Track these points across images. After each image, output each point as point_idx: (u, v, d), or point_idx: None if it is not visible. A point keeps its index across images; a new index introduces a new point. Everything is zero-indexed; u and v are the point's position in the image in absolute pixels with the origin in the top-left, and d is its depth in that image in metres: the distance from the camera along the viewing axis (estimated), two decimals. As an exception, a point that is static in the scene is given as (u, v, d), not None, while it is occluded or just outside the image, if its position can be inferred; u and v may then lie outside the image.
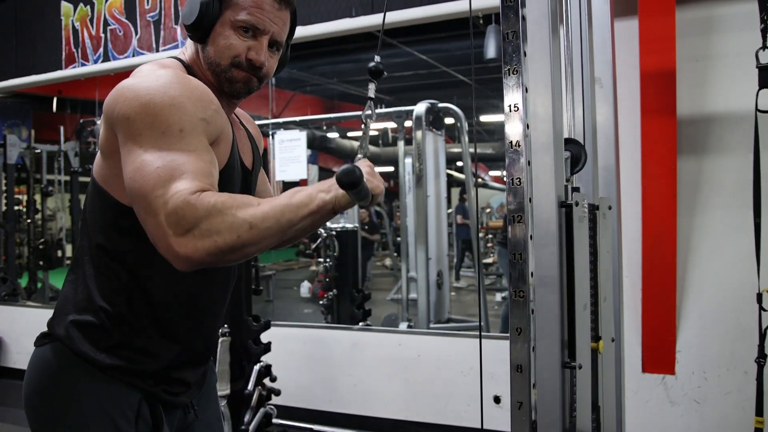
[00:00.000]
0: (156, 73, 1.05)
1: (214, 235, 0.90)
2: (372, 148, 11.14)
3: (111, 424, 1.08)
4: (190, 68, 1.15)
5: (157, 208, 0.92)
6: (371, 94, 1.24)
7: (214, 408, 1.35)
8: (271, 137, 4.15)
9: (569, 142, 1.30)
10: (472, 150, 5.09)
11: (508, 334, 1.10)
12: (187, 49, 1.19)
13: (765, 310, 1.98)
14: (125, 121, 0.99)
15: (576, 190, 1.30)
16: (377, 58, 1.26)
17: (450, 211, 8.93)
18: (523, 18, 1.10)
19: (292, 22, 1.20)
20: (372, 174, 1.05)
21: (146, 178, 0.94)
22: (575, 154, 1.30)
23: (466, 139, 5.00)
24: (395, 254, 9.51)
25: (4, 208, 5.80)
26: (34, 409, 1.13)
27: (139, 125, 0.97)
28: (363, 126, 1.21)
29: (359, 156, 1.18)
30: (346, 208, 1.02)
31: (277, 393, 2.97)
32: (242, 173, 1.19)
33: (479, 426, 1.44)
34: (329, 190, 0.98)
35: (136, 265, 1.10)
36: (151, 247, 0.98)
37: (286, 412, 3.29)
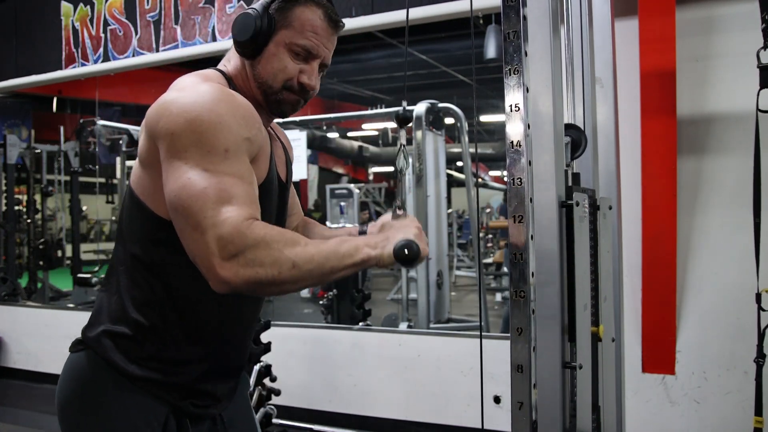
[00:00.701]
0: (199, 88, 1.03)
1: (257, 266, 0.92)
2: (372, 148, 11.17)
3: None
4: (231, 81, 1.15)
5: (206, 228, 0.93)
6: (403, 140, 1.23)
7: (246, 414, 1.34)
8: (271, 137, 4.15)
9: (569, 128, 1.30)
10: (472, 150, 5.09)
11: (509, 334, 1.10)
12: (230, 60, 1.18)
13: (764, 310, 1.98)
14: (170, 136, 0.99)
15: (576, 176, 1.31)
16: (404, 104, 1.24)
17: (450, 211, 8.93)
18: (524, 18, 1.10)
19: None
20: (420, 237, 1.04)
21: (194, 198, 0.94)
22: (575, 139, 1.30)
23: (466, 139, 5.00)
24: (395, 254, 9.49)
25: (4, 208, 5.80)
26: (65, 413, 1.14)
27: (185, 142, 0.97)
28: (398, 174, 1.20)
29: (397, 204, 1.17)
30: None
31: (277, 393, 2.97)
32: (278, 187, 1.19)
33: (479, 426, 1.44)
34: (376, 246, 1.00)
35: (171, 277, 1.10)
36: (186, 260, 0.99)
37: (286, 412, 3.29)
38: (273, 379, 2.94)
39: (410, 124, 1.21)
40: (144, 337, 1.10)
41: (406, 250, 0.95)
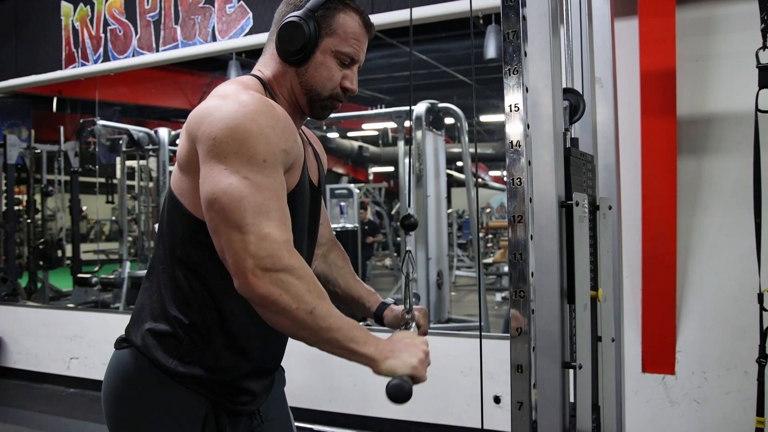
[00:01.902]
0: (241, 97, 1.06)
1: (283, 291, 0.96)
2: (372, 148, 11.17)
3: (179, 430, 1.12)
4: (267, 87, 1.17)
5: (248, 231, 0.97)
6: (410, 246, 1.27)
7: (283, 407, 1.37)
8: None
9: (567, 92, 1.30)
10: (472, 150, 5.09)
11: (509, 334, 1.10)
12: (267, 67, 1.20)
13: (766, 310, 1.98)
14: (212, 141, 1.02)
15: (575, 141, 1.31)
16: (412, 211, 1.27)
17: (450, 211, 8.93)
18: (524, 18, 1.10)
19: None
20: (423, 363, 1.06)
21: (235, 202, 0.98)
22: (574, 103, 1.30)
23: (466, 139, 5.00)
24: (395, 254, 9.52)
25: (4, 208, 5.81)
26: (111, 408, 1.17)
27: (226, 148, 1.01)
28: (405, 281, 1.24)
29: (406, 310, 1.22)
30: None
31: (277, 393, 2.97)
32: (311, 191, 1.21)
33: (479, 426, 1.44)
34: (382, 353, 1.04)
35: (209, 277, 1.12)
36: (221, 261, 1.02)
37: (286, 412, 3.29)
38: (273, 379, 2.94)
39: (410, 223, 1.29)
40: (184, 335, 1.13)
41: (397, 392, 1.00)
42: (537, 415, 1.09)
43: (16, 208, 6.33)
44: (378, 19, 3.22)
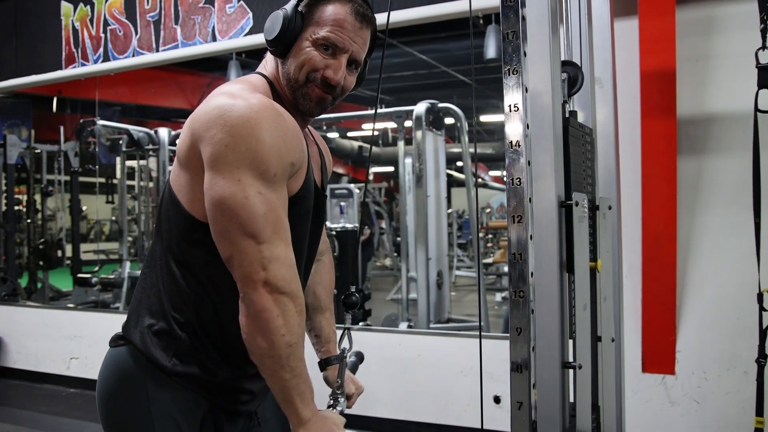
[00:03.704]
0: (252, 101, 1.03)
1: (281, 314, 1.00)
2: (372, 148, 11.16)
3: (176, 430, 1.11)
4: (272, 84, 1.16)
5: (264, 247, 1.00)
6: (348, 323, 1.34)
7: (279, 411, 1.37)
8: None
9: (566, 64, 1.30)
10: (472, 150, 5.09)
11: (509, 334, 1.10)
12: (267, 63, 1.20)
13: (765, 310, 1.98)
14: (223, 147, 1.00)
15: (573, 113, 1.31)
16: (353, 288, 1.35)
17: (450, 211, 8.93)
18: (523, 18, 1.10)
19: (372, 40, 1.21)
20: None
21: (253, 217, 1.00)
22: (572, 75, 1.30)
23: (466, 139, 5.00)
24: (395, 254, 9.51)
25: (4, 208, 5.81)
26: (106, 406, 1.16)
27: (239, 157, 1.00)
28: (341, 358, 1.31)
29: (338, 392, 1.31)
30: None
31: (277, 393, 2.96)
32: (315, 192, 1.19)
33: (479, 426, 1.44)
34: (308, 426, 1.08)
35: (205, 275, 1.12)
36: (218, 260, 1.03)
37: (286, 412, 3.28)
38: (273, 379, 2.94)
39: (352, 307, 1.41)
40: (182, 333, 1.12)
41: None
42: (537, 415, 1.09)
43: (16, 208, 6.33)
44: (378, 19, 3.22)
